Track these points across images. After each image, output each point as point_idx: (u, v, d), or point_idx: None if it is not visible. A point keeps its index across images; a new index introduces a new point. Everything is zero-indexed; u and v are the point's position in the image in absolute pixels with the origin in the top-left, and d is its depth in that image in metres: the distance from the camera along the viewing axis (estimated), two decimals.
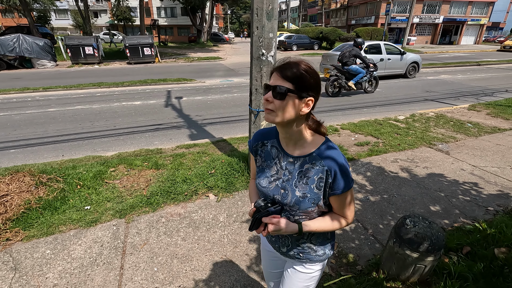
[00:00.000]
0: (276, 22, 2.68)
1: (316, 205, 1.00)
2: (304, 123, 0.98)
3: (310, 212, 1.02)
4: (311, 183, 0.98)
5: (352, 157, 4.05)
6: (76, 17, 41.68)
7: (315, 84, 0.91)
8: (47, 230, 2.59)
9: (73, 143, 4.90)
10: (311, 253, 1.14)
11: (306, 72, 0.89)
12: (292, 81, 0.88)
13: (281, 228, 0.98)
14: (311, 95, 0.91)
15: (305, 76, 0.88)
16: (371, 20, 35.48)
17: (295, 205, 1.00)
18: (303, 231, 1.01)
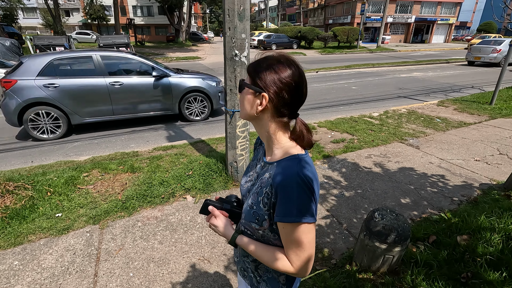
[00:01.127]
0: (248, 23, 2.70)
1: (260, 224, 0.86)
2: (275, 125, 0.85)
3: (254, 230, 0.88)
4: (260, 195, 0.84)
5: (328, 154, 4.15)
6: (46, 15, 39.78)
7: (272, 80, 0.79)
8: (15, 241, 2.48)
9: (43, 148, 4.70)
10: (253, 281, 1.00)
11: (266, 66, 0.80)
12: (249, 74, 0.84)
13: (217, 225, 0.94)
14: (266, 91, 0.79)
15: (261, 69, 0.80)
16: (348, 20, 36.37)
17: (243, 213, 0.92)
18: (236, 242, 0.91)
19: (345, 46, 26.44)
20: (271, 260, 0.84)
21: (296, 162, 0.79)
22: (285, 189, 0.76)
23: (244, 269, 1.03)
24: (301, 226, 0.77)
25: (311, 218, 0.77)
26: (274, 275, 0.95)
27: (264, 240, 0.88)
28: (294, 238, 0.78)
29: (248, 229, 0.90)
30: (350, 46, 26.26)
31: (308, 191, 0.76)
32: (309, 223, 0.77)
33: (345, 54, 22.38)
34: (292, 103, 0.82)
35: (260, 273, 0.97)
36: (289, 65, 0.81)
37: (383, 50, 25.09)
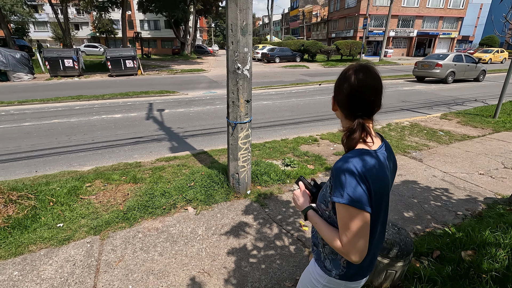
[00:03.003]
0: (251, 37, 2.77)
1: (326, 205, 1.02)
2: (344, 123, 1.02)
3: (322, 210, 1.05)
4: (328, 180, 1.01)
5: (330, 167, 4.14)
6: (56, 29, 40.98)
7: (336, 85, 1.00)
8: (16, 251, 2.48)
9: (47, 158, 4.75)
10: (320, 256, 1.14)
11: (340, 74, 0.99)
12: None
13: (298, 196, 1.17)
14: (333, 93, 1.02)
15: (338, 76, 1.00)
16: (350, 34, 36.90)
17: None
18: (307, 215, 1.10)
19: (347, 59, 26.73)
20: (328, 236, 0.98)
21: (354, 153, 0.93)
22: (337, 173, 0.91)
23: (314, 243, 1.18)
24: (349, 209, 0.88)
25: (358, 204, 0.87)
26: (338, 256, 1.07)
27: (330, 222, 1.02)
28: (343, 219, 0.90)
29: (319, 209, 1.08)
30: (353, 59, 26.54)
31: (359, 178, 0.87)
32: (356, 208, 0.87)
33: None
34: (351, 106, 0.96)
35: (326, 250, 1.10)
36: (351, 73, 0.94)
37: (386, 63, 25.30)
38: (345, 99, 0.96)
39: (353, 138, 0.95)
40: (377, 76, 0.95)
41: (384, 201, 0.98)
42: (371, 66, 0.95)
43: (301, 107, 8.58)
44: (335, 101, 1.02)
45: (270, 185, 3.59)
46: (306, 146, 5.00)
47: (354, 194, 0.86)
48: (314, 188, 1.18)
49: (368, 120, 0.98)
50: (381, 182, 0.91)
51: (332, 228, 0.99)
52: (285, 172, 3.80)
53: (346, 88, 0.94)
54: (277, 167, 3.95)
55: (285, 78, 15.54)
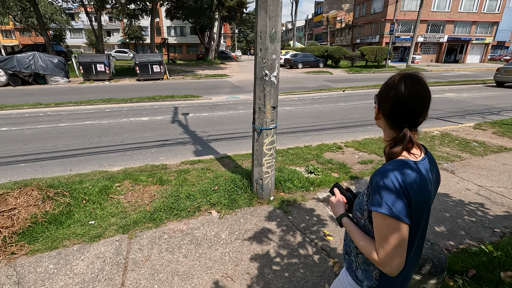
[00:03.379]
0: (279, 44, 2.79)
1: (362, 213, 1.00)
2: (387, 132, 1.00)
3: (358, 218, 1.04)
4: (366, 188, 1.00)
5: (356, 175, 4.04)
6: (90, 35, 43.43)
7: (380, 93, 0.98)
8: (52, 245, 2.63)
9: (81, 158, 5.01)
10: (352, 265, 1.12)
11: (385, 82, 0.98)
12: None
13: (334, 202, 1.16)
14: (377, 102, 1.00)
15: (383, 85, 0.99)
16: (376, 39, 36.08)
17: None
18: (341, 221, 1.09)
19: (372, 65, 26.13)
20: (363, 245, 0.96)
21: (396, 162, 0.91)
22: (376, 181, 0.89)
23: (347, 252, 1.16)
24: (387, 219, 0.85)
25: (397, 214, 0.84)
26: (371, 268, 1.04)
27: (365, 231, 1.00)
28: (380, 229, 0.88)
29: (354, 217, 1.07)
30: (378, 65, 25.90)
31: (399, 189, 0.85)
32: (395, 218, 0.84)
33: (373, 73, 22.08)
34: (398, 116, 0.93)
35: (359, 260, 1.08)
36: (398, 82, 0.92)
37: (413, 69, 24.45)
38: (392, 108, 0.93)
39: (398, 148, 0.93)
40: (426, 85, 0.92)
41: (424, 215, 0.94)
42: (419, 75, 0.93)
43: (324, 114, 8.47)
44: (380, 110, 0.99)
45: (293, 192, 3.56)
46: (330, 153, 4.93)
47: (393, 204, 0.85)
48: (351, 195, 1.18)
49: (414, 130, 0.95)
50: (422, 195, 0.88)
51: (368, 238, 0.97)
52: (309, 180, 3.76)
53: (394, 97, 0.92)
54: (301, 174, 3.92)
55: (308, 84, 15.44)
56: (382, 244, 0.88)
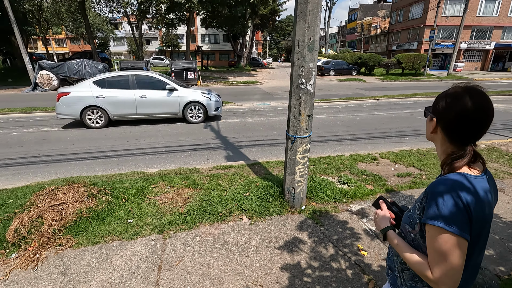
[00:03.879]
0: (317, 53, 2.78)
1: (412, 227, 0.96)
2: (445, 147, 0.95)
3: (406, 232, 1.00)
4: (418, 201, 0.96)
5: (392, 188, 3.86)
6: (131, 44, 46.36)
7: (442, 107, 0.91)
8: (94, 239, 2.80)
9: (120, 159, 5.32)
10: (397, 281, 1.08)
11: (444, 94, 0.93)
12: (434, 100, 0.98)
13: (379, 215, 1.12)
14: (435, 116, 0.94)
15: (440, 97, 0.94)
16: (414, 46, 34.54)
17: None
18: (387, 235, 1.05)
19: (409, 73, 24.98)
20: (414, 260, 0.91)
21: (454, 176, 0.86)
22: (434, 194, 0.85)
23: (390, 267, 1.13)
24: (444, 234, 0.81)
25: (456, 229, 0.80)
26: (419, 285, 0.99)
27: (415, 245, 0.95)
28: (435, 244, 0.83)
29: (402, 230, 1.02)
30: (416, 73, 24.70)
31: (459, 202, 0.81)
32: (453, 234, 0.80)
33: (410, 81, 21.10)
34: (461, 131, 0.88)
35: (404, 276, 1.04)
36: (462, 94, 0.87)
37: (455, 78, 22.99)
38: (456, 122, 0.88)
39: (460, 163, 0.89)
40: (489, 98, 0.87)
41: (484, 232, 0.89)
42: (482, 87, 0.88)
43: (357, 123, 8.23)
44: (439, 124, 0.94)
45: (325, 203, 3.48)
46: (364, 164, 4.76)
47: (452, 218, 0.81)
48: (397, 209, 1.14)
49: (474, 144, 0.91)
50: (482, 210, 0.84)
51: (419, 253, 0.93)
52: (342, 191, 3.66)
53: (459, 111, 0.87)
54: (333, 184, 3.82)
55: (340, 92, 15.13)
56: (438, 260, 0.83)
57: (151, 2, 19.17)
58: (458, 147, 0.91)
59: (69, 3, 24.19)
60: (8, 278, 2.34)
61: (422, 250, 0.92)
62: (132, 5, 22.59)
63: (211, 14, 26.74)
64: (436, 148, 1.01)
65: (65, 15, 29.93)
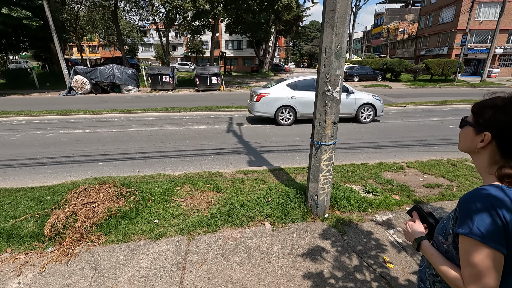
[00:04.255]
0: (344, 60, 2.76)
1: (445, 238, 0.94)
2: (493, 163, 0.89)
3: (439, 243, 0.97)
4: (452, 212, 0.94)
5: (420, 200, 3.71)
6: (158, 50, 48.21)
7: (497, 121, 0.85)
8: (122, 238, 2.92)
9: (147, 161, 5.53)
10: None
11: (492, 106, 0.87)
12: (473, 112, 0.94)
13: (412, 225, 1.09)
14: (487, 130, 0.87)
15: (487, 109, 0.88)
16: (444, 51, 33.15)
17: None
18: (421, 245, 1.02)
19: (439, 79, 23.97)
20: (446, 272, 0.89)
21: (491, 188, 0.83)
22: (467, 204, 0.83)
23: (422, 279, 1.10)
24: (479, 246, 0.78)
25: (490, 241, 0.77)
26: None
27: (448, 257, 0.93)
28: (469, 256, 0.80)
29: (435, 241, 1.00)
30: (446, 79, 23.65)
31: (494, 213, 0.78)
32: (487, 245, 0.77)
33: (439, 88, 20.23)
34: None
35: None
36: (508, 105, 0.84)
37: (489, 84, 21.76)
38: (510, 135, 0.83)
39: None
40: None
41: None
42: None
43: (382, 130, 8.00)
44: (495, 138, 0.87)
45: (349, 211, 3.41)
46: (389, 173, 4.62)
47: (487, 229, 0.77)
48: (432, 220, 1.10)
49: None
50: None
51: (452, 265, 0.90)
52: (367, 200, 3.57)
53: None
54: (357, 192, 3.74)
55: None
56: (471, 273, 0.80)
57: (178, 10, 19.88)
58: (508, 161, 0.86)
59: (103, 12, 25.68)
60: (45, 270, 2.50)
61: (456, 262, 0.90)
62: (161, 13, 23.55)
63: (236, 20, 27.24)
64: (475, 161, 0.96)
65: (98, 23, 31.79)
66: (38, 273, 2.46)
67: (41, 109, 11.39)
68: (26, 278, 2.42)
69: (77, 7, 25.90)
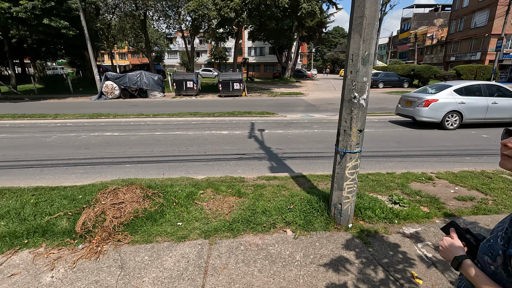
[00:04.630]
0: (371, 67, 2.70)
1: (493, 259, 0.86)
2: None
3: (485, 264, 0.90)
4: (501, 230, 0.87)
5: (451, 213, 3.52)
6: (183, 56, 49.74)
7: None
8: (147, 239, 3.01)
9: (171, 164, 5.68)
10: None
11: None
12: None
13: (449, 242, 1.02)
14: None
15: None
16: (476, 57, 31.55)
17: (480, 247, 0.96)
18: (462, 264, 0.93)
19: None
20: None
21: None
22: None
23: None
24: None
25: None
26: None
27: (496, 280, 0.86)
28: None
29: (480, 261, 0.92)
30: None
31: None
32: None
33: None
34: None
35: None
36: None
37: None
38: None
39: None
40: None
41: None
42: None
43: (409, 138, 7.71)
44: None
45: (374, 222, 3.30)
46: (417, 184, 4.42)
47: None
48: (471, 238, 1.04)
49: None
50: None
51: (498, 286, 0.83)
52: (393, 211, 3.43)
53: None
54: (383, 203, 3.61)
55: (389, 105, 14.34)
56: None
57: (204, 18, 20.48)
58: None
59: (133, 21, 26.96)
60: (75, 266, 2.62)
61: (505, 285, 0.82)
62: (187, 21, 24.35)
63: (259, 27, 27.58)
64: None
65: (128, 32, 33.40)
66: (69, 269, 2.59)
67: (74, 112, 12.08)
68: (58, 272, 2.55)
69: (109, 16, 27.42)
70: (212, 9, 18.83)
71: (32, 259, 2.73)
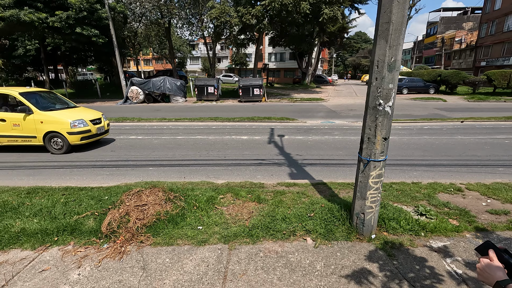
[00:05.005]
0: (398, 73, 2.63)
1: None
2: None
3: None
4: None
5: (484, 227, 3.31)
6: (205, 62, 50.84)
7: None
8: (169, 241, 3.06)
9: (192, 168, 5.78)
10: None
11: None
12: None
13: (482, 266, 0.97)
14: None
15: None
16: (509, 61, 29.85)
17: None
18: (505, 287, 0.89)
19: (503, 92, 21.57)
20: None
21: None
22: None
23: None
24: None
25: None
26: None
27: None
28: None
29: None
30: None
31: None
32: None
33: (504, 102, 18.14)
34: None
35: None
36: None
37: None
38: None
39: None
40: None
41: None
42: None
43: (436, 147, 7.37)
44: None
45: (399, 234, 3.17)
46: (445, 195, 4.21)
47: None
48: (509, 258, 0.96)
49: None
50: None
51: None
52: (419, 223, 3.28)
53: None
54: (408, 214, 3.47)
55: (414, 112, 13.85)
56: None
57: (225, 25, 20.88)
58: None
59: (158, 28, 27.97)
60: (100, 265, 2.72)
61: None
62: (209, 28, 24.92)
63: (280, 33, 27.70)
64: None
65: (153, 39, 34.68)
66: (95, 267, 2.68)
67: None
68: (84, 270, 2.65)
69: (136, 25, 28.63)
70: (234, 16, 19.16)
71: (61, 256, 2.85)
